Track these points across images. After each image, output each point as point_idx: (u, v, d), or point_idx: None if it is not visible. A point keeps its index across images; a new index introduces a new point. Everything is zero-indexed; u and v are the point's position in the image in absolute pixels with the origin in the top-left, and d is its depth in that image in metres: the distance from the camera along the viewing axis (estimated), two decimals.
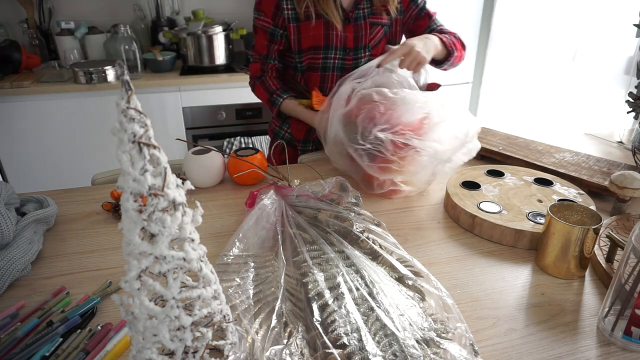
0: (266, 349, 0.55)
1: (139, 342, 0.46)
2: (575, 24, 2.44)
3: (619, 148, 1.28)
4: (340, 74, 1.19)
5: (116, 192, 0.94)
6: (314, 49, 1.18)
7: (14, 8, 2.18)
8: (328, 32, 1.16)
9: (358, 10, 1.16)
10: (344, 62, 1.21)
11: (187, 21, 2.26)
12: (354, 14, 1.16)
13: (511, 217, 0.83)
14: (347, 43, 1.19)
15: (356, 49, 1.20)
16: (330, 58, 1.20)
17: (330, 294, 0.61)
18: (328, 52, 1.19)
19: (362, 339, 0.54)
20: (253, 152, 1.02)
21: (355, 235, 0.74)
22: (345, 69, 1.20)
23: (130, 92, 0.40)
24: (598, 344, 0.60)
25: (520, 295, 0.69)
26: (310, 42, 1.18)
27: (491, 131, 1.29)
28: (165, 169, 0.43)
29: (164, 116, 2.07)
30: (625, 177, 0.84)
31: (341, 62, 1.21)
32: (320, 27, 1.15)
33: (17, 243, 0.73)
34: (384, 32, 1.22)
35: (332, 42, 1.17)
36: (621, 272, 0.59)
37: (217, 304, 0.51)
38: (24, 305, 0.66)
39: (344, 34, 1.17)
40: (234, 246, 0.73)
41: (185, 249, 0.46)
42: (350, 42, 1.19)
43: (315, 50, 1.18)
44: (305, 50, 1.19)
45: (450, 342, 0.56)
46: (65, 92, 1.94)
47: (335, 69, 1.21)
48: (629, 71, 2.14)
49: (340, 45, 1.18)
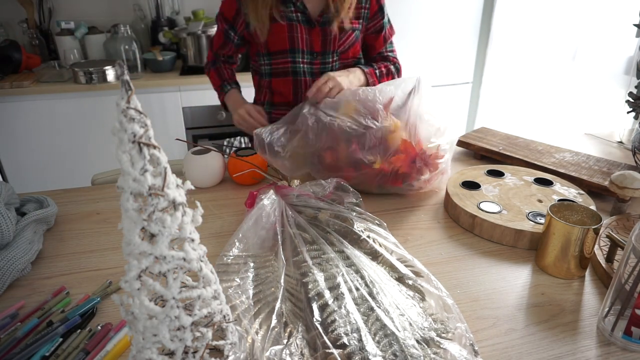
0: (266, 349, 0.55)
1: (139, 342, 0.46)
2: (575, 24, 2.44)
3: (619, 148, 1.28)
4: (312, 79, 1.18)
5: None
6: (282, 53, 1.17)
7: (14, 8, 2.18)
8: (292, 35, 1.14)
9: (327, 15, 1.13)
10: (312, 66, 1.19)
11: (187, 21, 2.26)
12: (321, 18, 1.13)
13: (511, 217, 0.83)
14: (313, 47, 1.16)
15: (324, 54, 1.18)
16: (298, 62, 1.18)
17: (330, 294, 0.61)
18: (295, 55, 1.17)
19: (362, 339, 0.54)
20: (253, 152, 1.02)
21: (356, 234, 0.74)
22: (315, 74, 1.19)
23: (130, 92, 0.40)
24: (598, 344, 0.60)
25: (520, 295, 0.69)
26: (277, 45, 1.16)
27: (491, 131, 1.29)
28: (165, 169, 0.43)
29: (164, 116, 2.07)
30: (625, 177, 0.84)
31: (310, 66, 1.18)
32: (284, 30, 1.13)
33: (17, 243, 0.73)
34: (355, 37, 1.19)
35: (297, 45, 1.16)
36: (621, 272, 0.59)
37: (217, 304, 0.51)
38: (24, 305, 0.66)
39: (310, 38, 1.15)
40: (234, 246, 0.73)
41: (185, 249, 0.46)
42: (318, 46, 1.16)
43: (283, 54, 1.17)
44: (274, 53, 1.18)
45: (450, 342, 0.56)
46: (65, 92, 1.94)
47: (305, 74, 1.19)
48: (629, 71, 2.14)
49: (307, 48, 1.16)
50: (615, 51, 2.23)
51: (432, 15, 2.33)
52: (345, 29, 1.16)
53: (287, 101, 1.24)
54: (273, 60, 1.19)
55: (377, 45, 1.25)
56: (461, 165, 1.14)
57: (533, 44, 2.57)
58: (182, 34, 2.11)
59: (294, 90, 1.22)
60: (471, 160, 1.18)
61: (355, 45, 1.21)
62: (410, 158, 0.92)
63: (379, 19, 1.20)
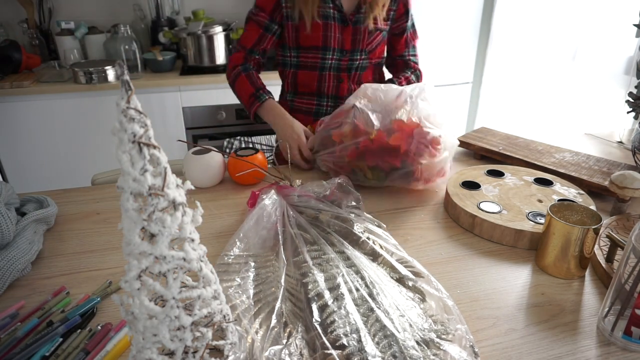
0: (265, 349, 0.54)
1: (139, 342, 0.46)
2: (575, 24, 2.44)
3: (619, 148, 1.28)
4: (336, 74, 1.25)
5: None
6: (313, 49, 1.20)
7: (14, 8, 2.18)
8: (327, 34, 1.18)
9: (359, 15, 1.18)
10: (340, 62, 1.23)
11: (187, 21, 2.26)
12: (354, 17, 1.18)
13: (511, 217, 0.83)
14: (344, 45, 1.21)
15: (353, 52, 1.22)
16: (328, 59, 1.22)
17: (330, 295, 0.61)
18: (326, 52, 1.21)
19: (361, 339, 0.54)
20: (253, 152, 1.02)
21: (356, 235, 0.74)
22: (342, 69, 1.24)
23: (130, 92, 0.40)
24: (598, 344, 0.60)
25: (520, 295, 0.69)
26: (309, 41, 1.20)
27: (491, 131, 1.29)
28: (165, 169, 0.43)
29: (164, 116, 2.07)
30: (625, 177, 0.84)
31: (337, 62, 1.23)
32: (319, 29, 1.17)
33: (17, 243, 0.73)
34: (382, 37, 1.24)
35: (330, 43, 1.20)
36: (621, 272, 0.59)
37: (217, 304, 0.51)
38: (24, 305, 0.66)
39: (342, 37, 1.19)
40: (235, 246, 0.73)
41: (185, 249, 0.46)
42: (348, 44, 1.21)
43: (315, 51, 1.21)
44: (304, 48, 1.21)
45: (450, 343, 0.56)
46: (65, 92, 1.94)
47: (332, 69, 1.24)
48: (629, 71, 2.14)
49: (338, 47, 1.21)
50: (615, 51, 2.23)
51: (432, 15, 2.33)
52: (376, 28, 1.21)
53: (310, 91, 1.28)
54: (302, 54, 1.23)
55: (399, 47, 1.29)
56: (461, 165, 1.14)
57: (533, 44, 2.57)
58: (182, 34, 2.11)
59: (318, 82, 1.26)
60: (471, 160, 1.18)
61: (382, 44, 1.26)
62: (407, 134, 0.92)
63: (403, 21, 1.25)
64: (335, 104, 1.29)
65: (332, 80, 1.25)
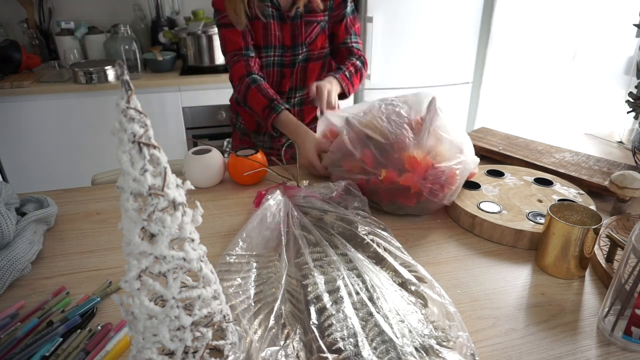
0: (262, 350, 0.54)
1: (139, 342, 0.46)
2: (575, 24, 2.44)
3: (619, 148, 1.28)
4: (280, 69, 1.26)
5: None
6: (256, 49, 1.22)
7: (14, 8, 2.18)
8: (267, 32, 1.20)
9: (295, 10, 1.19)
10: (283, 58, 1.25)
11: (187, 21, 2.26)
12: (290, 14, 1.19)
13: (511, 217, 0.83)
14: (285, 41, 1.23)
15: (294, 47, 1.24)
16: (270, 56, 1.24)
17: (329, 297, 0.60)
18: (268, 51, 1.23)
19: (358, 344, 0.53)
20: (253, 151, 1.02)
21: (360, 238, 0.74)
22: (285, 65, 1.26)
23: (130, 92, 0.40)
24: (598, 344, 0.60)
25: (520, 295, 0.69)
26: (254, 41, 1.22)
27: (491, 131, 1.29)
28: (165, 169, 0.43)
29: (164, 116, 2.07)
30: (625, 177, 0.84)
31: (280, 58, 1.25)
32: (259, 28, 1.19)
33: (17, 243, 0.73)
34: (320, 28, 1.25)
35: (270, 41, 1.22)
36: (621, 272, 0.59)
37: (217, 304, 0.51)
38: (24, 305, 0.66)
39: (281, 34, 1.21)
40: (237, 246, 0.72)
41: (185, 249, 0.46)
42: (288, 40, 1.23)
43: (256, 50, 1.22)
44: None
45: (450, 351, 0.55)
46: (65, 92, 1.94)
47: (275, 66, 1.26)
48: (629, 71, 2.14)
49: (279, 43, 1.23)
50: (615, 51, 2.23)
51: (432, 15, 2.33)
52: (312, 20, 1.22)
53: None
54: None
55: (340, 33, 1.29)
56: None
57: (533, 44, 2.57)
58: (182, 34, 2.11)
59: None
60: None
61: (321, 36, 1.26)
62: (419, 176, 0.83)
63: (341, 8, 1.25)
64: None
65: (275, 76, 1.27)
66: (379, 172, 0.86)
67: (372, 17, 2.27)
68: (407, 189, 0.85)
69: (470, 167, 0.88)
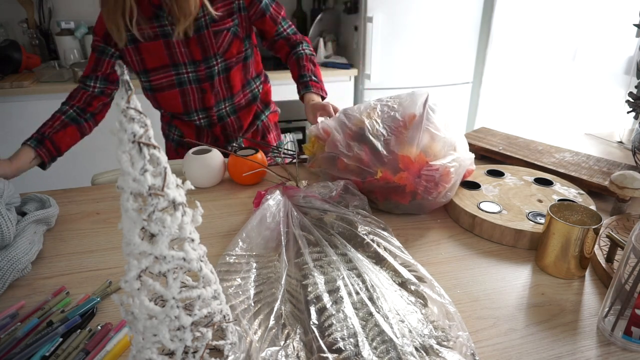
0: (262, 350, 0.54)
1: (139, 342, 0.46)
2: (575, 24, 2.44)
3: (619, 148, 1.28)
4: (199, 85, 1.19)
5: None
6: (162, 68, 1.16)
7: (14, 8, 2.18)
8: (171, 51, 1.13)
9: (198, 21, 1.12)
10: (198, 74, 1.18)
11: None
12: (194, 26, 1.11)
13: (511, 217, 0.83)
14: (194, 56, 1.16)
15: (206, 59, 1.17)
16: (182, 73, 1.17)
17: (329, 297, 0.60)
18: (178, 68, 1.16)
19: (358, 344, 0.53)
20: (253, 152, 1.02)
21: (360, 237, 0.74)
22: (201, 80, 1.19)
23: (130, 92, 0.40)
24: (598, 344, 0.60)
25: (520, 295, 0.69)
26: (156, 62, 1.15)
27: (491, 131, 1.29)
28: (165, 169, 0.43)
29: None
30: (625, 177, 0.84)
31: (195, 74, 1.18)
32: (161, 48, 1.13)
33: (18, 243, 0.73)
34: (232, 34, 1.17)
35: (177, 59, 1.15)
36: (621, 272, 0.59)
37: (217, 304, 0.51)
38: (24, 305, 0.66)
39: (188, 49, 1.14)
40: (237, 246, 0.72)
41: (185, 249, 0.46)
42: (198, 54, 1.15)
43: (165, 69, 1.16)
44: (152, 70, 1.16)
45: (450, 350, 0.55)
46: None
47: (192, 82, 1.19)
48: (629, 71, 2.14)
49: (189, 60, 1.16)
50: (615, 51, 2.22)
51: (432, 15, 2.33)
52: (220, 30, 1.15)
53: (177, 111, 1.24)
54: (152, 76, 1.17)
55: (269, 28, 1.23)
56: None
57: (533, 44, 2.57)
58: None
59: (182, 100, 1.22)
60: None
61: (235, 42, 1.18)
62: (413, 174, 0.84)
63: (256, 4, 1.18)
64: (206, 115, 1.25)
65: (195, 94, 1.21)
66: (374, 171, 0.86)
67: (372, 17, 2.27)
68: (402, 188, 0.85)
69: (466, 163, 0.88)
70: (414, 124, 0.86)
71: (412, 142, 0.84)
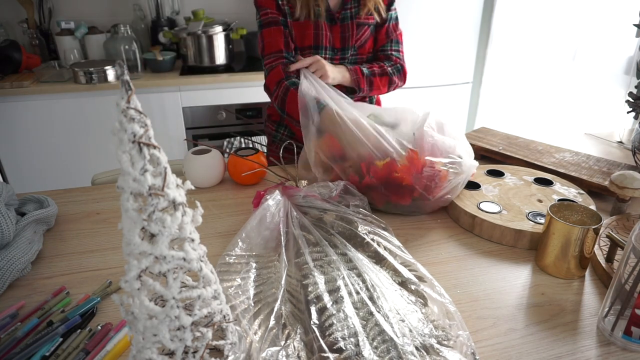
0: (263, 350, 0.54)
1: (139, 342, 0.46)
2: (575, 24, 2.44)
3: (619, 148, 1.28)
4: None
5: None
6: (307, 49, 1.20)
7: (14, 8, 2.17)
8: (317, 32, 1.18)
9: (345, 11, 1.18)
10: (333, 61, 1.22)
11: (187, 21, 2.26)
12: (340, 15, 1.18)
13: (511, 217, 0.83)
14: (335, 43, 1.21)
15: (343, 49, 1.22)
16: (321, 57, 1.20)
17: (330, 297, 0.60)
18: (318, 51, 1.20)
19: (359, 344, 0.53)
20: (253, 152, 1.02)
21: (360, 237, 0.74)
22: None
23: (130, 92, 0.40)
24: (598, 344, 0.60)
25: (520, 295, 0.69)
26: (303, 41, 1.19)
27: (491, 131, 1.29)
28: (165, 169, 0.43)
29: (164, 116, 2.07)
30: (625, 177, 0.84)
31: (330, 60, 1.22)
32: (310, 27, 1.17)
33: (17, 243, 0.73)
34: (370, 31, 1.23)
35: (321, 42, 1.19)
36: (621, 272, 0.59)
37: (217, 304, 0.51)
38: (24, 305, 0.66)
39: (332, 35, 1.19)
40: (237, 246, 0.72)
41: (185, 249, 0.46)
42: (338, 42, 1.20)
43: (309, 50, 1.20)
44: (300, 48, 1.21)
45: (450, 350, 0.55)
46: (65, 92, 1.94)
47: None
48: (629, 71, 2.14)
49: (330, 45, 1.21)
50: (615, 51, 2.22)
51: (432, 15, 2.33)
52: (363, 23, 1.19)
53: None
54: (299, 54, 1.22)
55: (380, 38, 1.25)
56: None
57: (533, 44, 2.57)
58: (182, 34, 2.11)
59: None
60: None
61: (371, 39, 1.24)
62: (415, 170, 0.84)
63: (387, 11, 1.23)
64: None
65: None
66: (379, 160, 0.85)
67: None
68: (400, 186, 0.85)
69: (470, 170, 0.88)
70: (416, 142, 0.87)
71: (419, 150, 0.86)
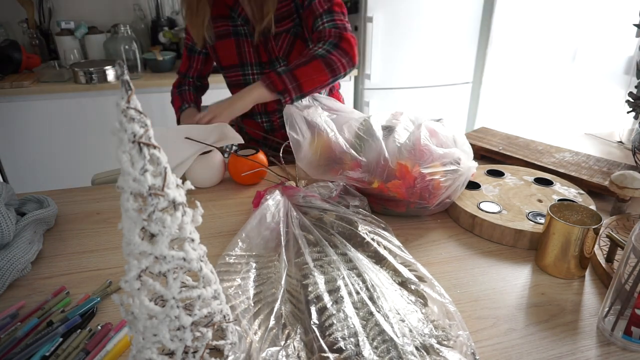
0: (263, 350, 0.54)
1: (139, 342, 0.46)
2: (575, 24, 2.44)
3: (619, 148, 1.28)
4: None
5: None
6: (232, 67, 1.21)
7: (14, 8, 2.18)
8: (240, 51, 1.18)
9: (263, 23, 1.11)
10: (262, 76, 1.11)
11: None
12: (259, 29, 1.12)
13: (511, 217, 0.83)
14: (261, 57, 1.19)
15: (271, 62, 1.19)
16: (248, 74, 1.21)
17: (330, 297, 0.60)
18: (245, 68, 1.20)
19: (359, 344, 0.53)
20: (253, 151, 1.02)
21: (360, 237, 0.74)
22: None
23: (130, 92, 0.40)
24: (598, 344, 0.60)
25: (520, 295, 0.69)
26: (227, 60, 1.20)
27: (491, 131, 1.29)
28: (165, 168, 0.43)
29: (164, 116, 2.07)
30: (625, 177, 0.84)
31: (260, 76, 1.18)
32: (232, 47, 1.17)
33: (17, 243, 0.73)
34: (292, 35, 1.15)
35: (246, 59, 1.19)
36: (621, 272, 0.59)
37: (217, 304, 0.51)
38: (24, 305, 0.66)
39: (255, 50, 1.18)
40: (237, 246, 0.72)
41: (185, 249, 0.46)
42: (264, 56, 1.18)
43: (234, 68, 1.21)
44: (227, 68, 1.22)
45: (450, 350, 0.55)
46: (65, 92, 1.94)
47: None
48: (629, 71, 2.14)
49: (255, 61, 1.19)
50: (615, 51, 2.23)
51: (432, 15, 2.33)
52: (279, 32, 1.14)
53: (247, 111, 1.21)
54: (226, 74, 1.24)
55: (309, 21, 1.12)
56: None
57: (533, 44, 2.57)
58: (182, 34, 2.11)
59: None
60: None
61: (296, 44, 1.16)
62: (407, 184, 0.82)
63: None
64: (268, 119, 1.27)
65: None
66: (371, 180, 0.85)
67: (372, 17, 2.27)
68: (395, 199, 0.85)
69: (469, 172, 0.88)
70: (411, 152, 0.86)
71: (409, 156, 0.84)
